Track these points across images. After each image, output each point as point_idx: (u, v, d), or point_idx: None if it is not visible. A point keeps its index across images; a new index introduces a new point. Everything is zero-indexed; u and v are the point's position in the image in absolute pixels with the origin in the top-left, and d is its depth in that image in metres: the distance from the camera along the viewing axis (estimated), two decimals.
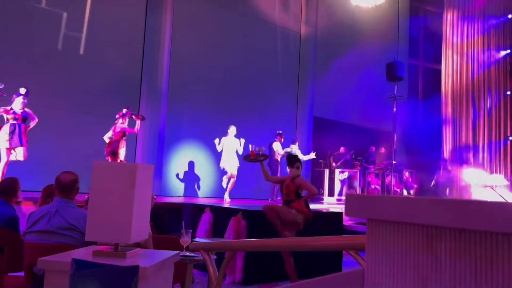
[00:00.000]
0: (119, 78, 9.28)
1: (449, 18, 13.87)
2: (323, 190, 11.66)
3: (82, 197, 4.40)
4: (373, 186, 11.60)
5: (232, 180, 8.38)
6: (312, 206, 8.84)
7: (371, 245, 0.82)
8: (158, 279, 2.03)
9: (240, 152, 8.33)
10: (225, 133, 8.48)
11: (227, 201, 8.05)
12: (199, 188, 10.20)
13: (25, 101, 6.67)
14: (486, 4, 13.33)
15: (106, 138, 7.77)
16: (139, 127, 8.02)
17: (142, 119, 8.12)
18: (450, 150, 13.39)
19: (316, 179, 11.81)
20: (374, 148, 12.08)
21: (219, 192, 9.83)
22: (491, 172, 12.76)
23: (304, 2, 12.21)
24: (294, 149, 9.83)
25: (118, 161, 7.62)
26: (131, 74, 9.48)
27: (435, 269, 0.71)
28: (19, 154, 6.65)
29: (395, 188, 11.30)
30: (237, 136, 8.55)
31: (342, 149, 11.79)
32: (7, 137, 6.48)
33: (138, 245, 2.27)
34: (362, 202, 0.82)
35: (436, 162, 12.33)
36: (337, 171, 11.47)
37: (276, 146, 9.38)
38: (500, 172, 12.74)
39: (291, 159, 4.93)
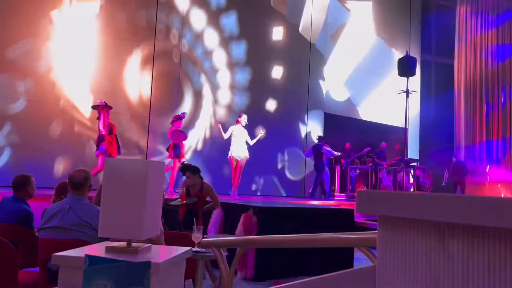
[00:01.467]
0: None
1: (462, 12, 13.68)
2: (334, 186, 11.64)
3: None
4: (385, 183, 11.53)
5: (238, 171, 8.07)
6: (324, 203, 8.87)
7: (382, 242, 0.82)
8: (170, 275, 2.04)
9: (250, 142, 8.16)
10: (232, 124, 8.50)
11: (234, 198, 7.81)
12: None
13: (108, 112, 7.55)
14: None
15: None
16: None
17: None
18: (464, 146, 13.23)
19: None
20: (385, 144, 11.99)
21: (226, 188, 9.87)
22: (505, 168, 12.58)
23: None
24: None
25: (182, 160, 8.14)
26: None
27: (447, 266, 0.71)
28: None
29: (407, 185, 11.22)
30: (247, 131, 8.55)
31: (346, 144, 11.72)
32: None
33: (150, 241, 2.29)
34: (374, 199, 0.82)
35: (449, 158, 12.19)
36: (348, 167, 11.43)
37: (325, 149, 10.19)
38: None
39: (181, 168, 4.99)
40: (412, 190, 11.54)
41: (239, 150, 7.99)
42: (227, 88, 10.53)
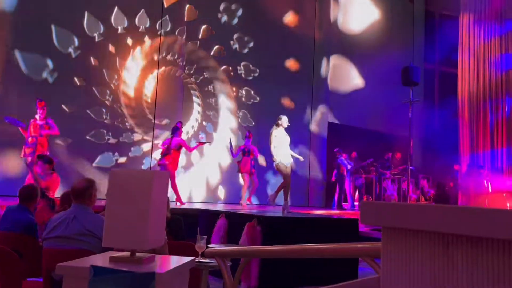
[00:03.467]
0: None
1: (465, 21, 13.69)
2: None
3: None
4: (389, 192, 11.48)
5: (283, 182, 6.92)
6: (328, 212, 8.85)
7: (386, 253, 0.82)
8: (174, 285, 2.04)
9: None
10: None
11: (285, 212, 6.71)
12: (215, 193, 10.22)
13: (182, 130, 8.10)
14: (503, 7, 13.13)
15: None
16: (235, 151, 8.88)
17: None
18: (468, 156, 13.16)
19: (331, 184, 11.75)
20: (391, 154, 11.96)
21: (234, 197, 9.84)
22: (510, 177, 12.49)
23: (318, 6, 12.20)
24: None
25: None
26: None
27: (451, 278, 0.71)
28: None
29: (411, 194, 11.17)
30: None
31: (353, 154, 11.71)
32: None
33: (154, 251, 2.29)
34: (378, 210, 0.82)
35: (452, 167, 12.15)
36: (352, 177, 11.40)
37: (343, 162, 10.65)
38: None
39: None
40: (416, 200, 11.48)
41: (287, 155, 6.85)
42: (234, 83, 10.63)
